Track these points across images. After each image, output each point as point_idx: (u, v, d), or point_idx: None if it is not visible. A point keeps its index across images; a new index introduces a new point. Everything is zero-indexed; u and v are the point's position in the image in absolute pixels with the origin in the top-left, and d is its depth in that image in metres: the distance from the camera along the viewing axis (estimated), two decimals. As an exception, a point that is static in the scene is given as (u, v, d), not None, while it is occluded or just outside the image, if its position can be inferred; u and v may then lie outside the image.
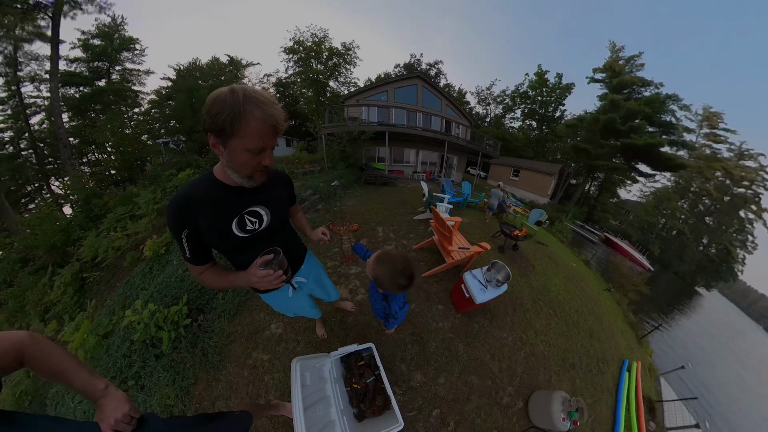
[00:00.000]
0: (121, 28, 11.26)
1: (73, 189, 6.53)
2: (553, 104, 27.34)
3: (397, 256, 1.05)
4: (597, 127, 20.20)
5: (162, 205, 5.17)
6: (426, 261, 3.30)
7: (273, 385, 1.95)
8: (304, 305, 1.36)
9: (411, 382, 1.97)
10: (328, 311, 2.31)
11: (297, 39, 14.13)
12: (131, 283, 3.44)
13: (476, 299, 2.25)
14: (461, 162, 14.08)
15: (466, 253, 2.84)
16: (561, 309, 3.43)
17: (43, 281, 4.68)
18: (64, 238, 5.30)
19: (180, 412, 1.90)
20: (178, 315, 2.28)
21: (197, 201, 0.78)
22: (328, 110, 9.82)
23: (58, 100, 8.85)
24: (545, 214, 6.68)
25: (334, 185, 5.59)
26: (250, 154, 0.72)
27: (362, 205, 5.22)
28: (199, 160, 7.63)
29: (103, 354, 2.36)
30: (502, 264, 2.40)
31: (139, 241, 4.48)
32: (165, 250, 3.68)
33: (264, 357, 2.11)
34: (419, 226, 4.36)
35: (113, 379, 2.08)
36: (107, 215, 5.40)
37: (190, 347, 2.19)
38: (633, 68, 21.36)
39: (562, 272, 4.75)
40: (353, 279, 2.78)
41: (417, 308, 2.55)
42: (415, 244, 3.66)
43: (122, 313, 2.64)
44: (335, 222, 1.44)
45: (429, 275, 2.94)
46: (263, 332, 2.28)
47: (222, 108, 0.63)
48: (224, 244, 0.87)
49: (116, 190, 6.80)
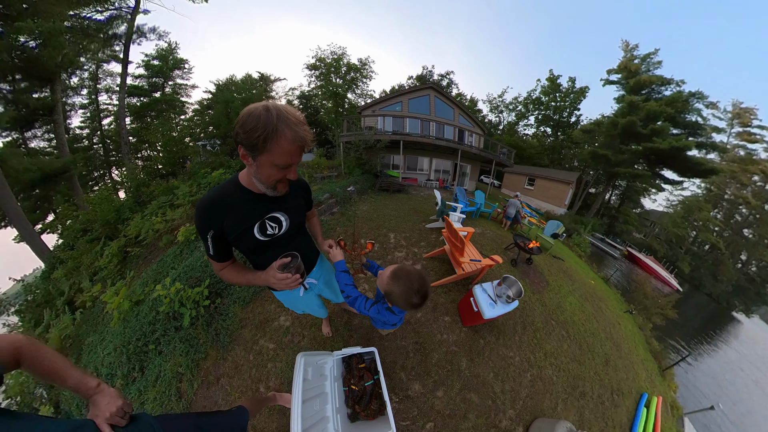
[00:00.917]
0: (174, 51, 13.70)
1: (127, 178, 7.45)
2: (567, 109, 25.46)
3: (414, 273, 0.95)
4: (616, 131, 18.10)
5: (196, 197, 5.64)
6: (436, 270, 3.16)
7: (274, 373, 1.98)
8: (313, 304, 1.38)
9: (408, 391, 1.88)
10: (335, 311, 2.30)
11: (318, 56, 15.10)
12: (164, 261, 3.72)
13: (485, 314, 2.10)
14: (474, 170, 13.49)
15: (477, 265, 2.66)
16: (575, 331, 3.13)
17: (96, 249, 5.36)
18: (116, 217, 6.04)
19: (188, 381, 2.00)
20: (199, 296, 2.43)
21: (223, 205, 0.82)
22: (346, 120, 10.11)
23: (124, 107, 10.99)
24: (562, 226, 6.02)
25: (350, 191, 5.62)
26: (277, 169, 0.75)
27: (375, 211, 5.16)
28: (230, 161, 8.31)
29: (133, 318, 2.57)
30: (514, 279, 2.23)
31: (174, 226, 4.85)
32: (195, 237, 3.95)
33: (270, 345, 2.17)
34: (431, 235, 4.20)
35: (138, 340, 2.26)
36: (151, 202, 6.02)
37: (206, 326, 2.32)
38: (650, 67, 19.07)
39: (578, 290, 4.35)
40: (362, 283, 2.77)
41: (423, 318, 2.43)
42: (426, 252, 3.52)
43: (153, 286, 2.88)
44: (347, 240, 1.41)
45: (437, 285, 2.81)
46: (272, 323, 2.34)
47: (256, 125, 0.65)
48: (246, 245, 0.90)
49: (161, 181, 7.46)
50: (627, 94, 19.02)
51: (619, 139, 18.37)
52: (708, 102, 17.68)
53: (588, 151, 20.32)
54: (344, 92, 15.99)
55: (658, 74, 18.49)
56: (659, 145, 16.18)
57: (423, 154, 11.29)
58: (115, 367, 2.16)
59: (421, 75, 26.81)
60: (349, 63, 15.37)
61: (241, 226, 0.85)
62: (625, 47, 20.07)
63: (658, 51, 18.75)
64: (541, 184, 16.73)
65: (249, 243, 0.89)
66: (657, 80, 18.06)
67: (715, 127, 18.81)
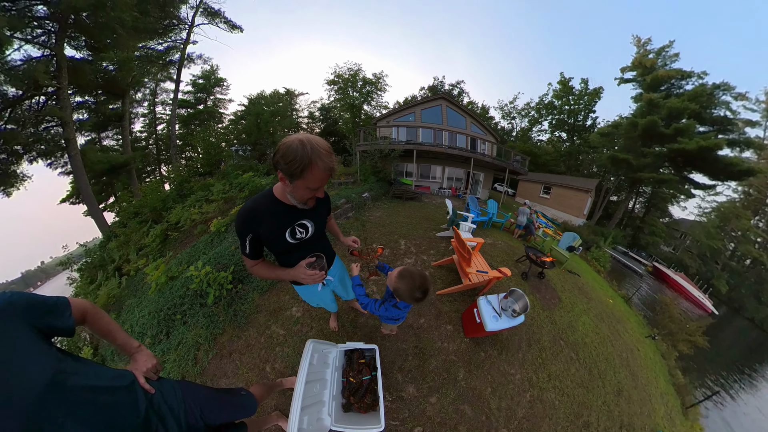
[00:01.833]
0: (215, 72, 16.63)
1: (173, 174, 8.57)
2: (582, 112, 23.54)
3: (416, 273, 1.15)
4: (636, 133, 15.90)
5: (228, 194, 6.19)
6: (443, 279, 3.08)
7: (281, 357, 2.07)
8: (327, 299, 1.50)
9: (403, 393, 1.86)
10: (343, 309, 2.36)
11: (337, 72, 16.17)
12: (197, 247, 4.07)
13: (486, 326, 2.01)
14: (487, 178, 12.89)
15: (483, 276, 2.56)
16: (586, 354, 2.85)
17: (143, 229, 6.16)
18: (162, 205, 6.86)
19: (204, 351, 2.19)
20: (224, 280, 2.65)
21: (261, 214, 0.95)
22: (362, 130, 10.39)
23: (174, 117, 13.76)
24: (578, 238, 5.45)
25: (365, 197, 5.72)
26: (309, 191, 0.89)
27: (388, 218, 5.14)
28: (258, 166, 8.94)
29: (167, 290, 2.87)
30: (521, 293, 2.10)
31: (208, 218, 5.34)
32: (225, 229, 4.29)
33: (280, 332, 2.28)
34: (440, 243, 4.10)
35: (168, 309, 2.55)
36: (191, 195, 6.74)
37: (226, 306, 2.52)
38: (666, 60, 16.77)
39: (594, 309, 3.97)
40: (371, 284, 2.80)
41: (425, 324, 2.39)
42: (435, 260, 3.44)
43: (186, 266, 3.19)
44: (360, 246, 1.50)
45: (443, 293, 2.73)
46: (285, 312, 2.46)
47: (294, 158, 0.78)
48: (278, 247, 1.05)
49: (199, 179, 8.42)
50: (645, 91, 16.84)
51: (640, 141, 16.15)
52: (736, 93, 14.95)
53: (607, 156, 17.98)
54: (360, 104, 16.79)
55: (677, 67, 16.15)
56: (685, 145, 13.89)
57: (436, 162, 11.14)
58: (146, 328, 2.45)
59: (433, 86, 26.70)
60: (364, 77, 16.27)
61: (275, 231, 0.99)
62: (637, 42, 18.00)
63: (673, 43, 16.49)
64: (558, 192, 15.26)
65: (281, 245, 1.03)
66: (676, 74, 15.84)
67: (747, 120, 15.49)
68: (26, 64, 7.62)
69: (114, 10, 7.86)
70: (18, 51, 7.62)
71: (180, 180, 8.07)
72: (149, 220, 6.63)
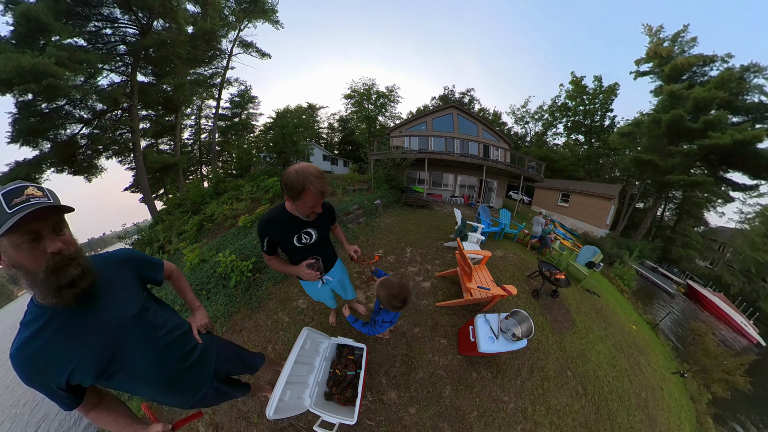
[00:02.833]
0: (248, 91, 19.03)
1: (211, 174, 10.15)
2: (598, 112, 21.02)
3: (395, 283, 1.20)
4: (660, 130, 13.40)
5: (256, 195, 6.81)
6: (445, 291, 2.89)
7: (282, 340, 2.21)
8: (326, 296, 1.67)
9: (384, 396, 1.81)
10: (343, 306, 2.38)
11: (353, 87, 17.31)
12: (225, 237, 4.48)
13: (480, 347, 1.83)
14: (501, 186, 11.72)
15: (485, 293, 2.33)
16: (596, 389, 2.39)
17: (184, 218, 7.16)
18: (200, 200, 7.89)
19: (220, 325, 2.47)
20: (245, 268, 2.94)
21: (275, 222, 1.18)
22: (376, 140, 10.60)
23: (215, 128, 16.52)
24: (599, 253, 4.76)
25: (377, 203, 5.72)
26: (307, 208, 1.08)
27: (397, 225, 5.03)
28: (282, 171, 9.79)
29: (198, 270, 3.29)
30: (525, 315, 1.84)
31: (237, 214, 5.92)
32: (250, 225, 4.70)
33: (286, 319, 2.42)
34: (447, 254, 3.87)
35: (197, 287, 2.93)
36: (224, 194, 7.58)
37: (244, 290, 2.79)
38: (684, 47, 14.28)
39: (612, 336, 3.37)
40: (372, 288, 2.78)
41: (419, 333, 2.29)
42: (439, 270, 3.26)
43: (215, 253, 3.61)
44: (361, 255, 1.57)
45: (442, 306, 2.58)
46: (292, 302, 2.60)
47: (292, 185, 0.99)
48: (287, 249, 1.27)
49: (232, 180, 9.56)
50: (664, 83, 14.40)
51: (665, 139, 13.53)
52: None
53: (630, 158, 15.21)
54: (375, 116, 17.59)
55: (696, 53, 13.61)
56: (718, 140, 11.26)
57: (448, 170, 10.84)
58: (177, 298, 2.80)
59: (443, 95, 26.33)
60: (378, 91, 17.12)
61: (285, 236, 1.21)
62: (649, 31, 15.67)
63: (688, 27, 13.98)
64: (577, 200, 13.40)
65: (290, 247, 1.26)
66: (696, 60, 13.35)
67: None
68: (110, 87, 10.33)
69: (173, 47, 10.30)
70: (105, 78, 10.39)
71: (216, 180, 9.28)
72: (190, 211, 7.66)
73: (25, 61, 6.84)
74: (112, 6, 8.99)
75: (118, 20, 9.56)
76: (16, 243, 0.55)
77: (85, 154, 10.28)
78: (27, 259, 0.56)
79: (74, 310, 0.65)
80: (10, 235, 0.54)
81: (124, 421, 0.77)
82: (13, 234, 0.54)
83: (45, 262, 0.57)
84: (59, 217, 0.61)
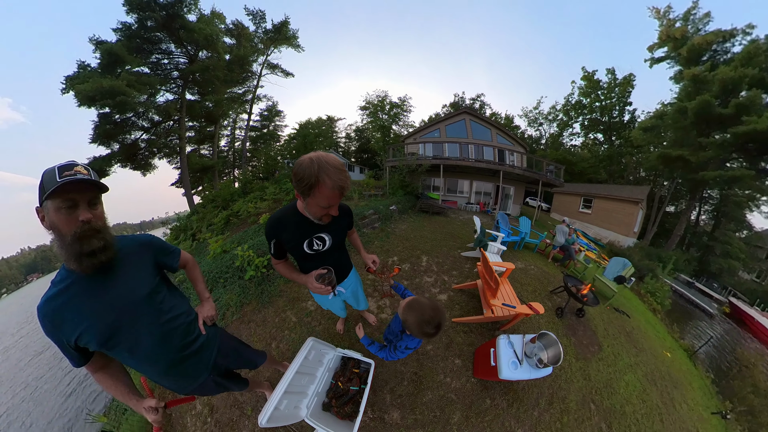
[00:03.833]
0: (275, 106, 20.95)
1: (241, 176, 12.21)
2: (616, 107, 18.70)
3: (427, 305, 0.97)
4: (686, 120, 11.29)
5: (278, 197, 7.29)
6: (462, 305, 2.62)
7: (287, 339, 2.16)
8: (336, 306, 1.55)
9: (386, 415, 1.63)
10: (352, 315, 2.31)
11: (367, 99, 18.16)
12: (246, 233, 4.72)
13: (501, 372, 1.57)
14: (518, 192, 10.92)
15: (509, 311, 2.06)
16: (622, 428, 1.99)
17: (214, 212, 8.00)
18: (230, 197, 8.83)
19: (232, 314, 2.50)
20: (260, 263, 3.02)
21: (284, 223, 1.00)
22: (391, 148, 10.58)
23: (246, 137, 18.48)
24: (630, 265, 4.07)
25: (392, 209, 5.64)
26: (320, 208, 0.87)
27: (413, 231, 4.83)
28: None
29: (219, 259, 3.43)
30: (554, 339, 1.59)
31: (259, 212, 6.46)
32: None
33: (293, 318, 2.37)
34: (465, 264, 3.56)
35: (216, 274, 3.03)
36: (251, 193, 8.46)
37: (257, 284, 2.84)
38: (698, 25, 12.18)
39: (644, 365, 2.86)
40: (385, 298, 2.63)
41: (432, 352, 2.05)
42: (456, 282, 2.97)
43: (236, 246, 3.76)
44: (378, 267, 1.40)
45: (458, 322, 2.32)
46: (302, 303, 2.56)
47: (303, 177, 0.77)
48: (296, 254, 1.09)
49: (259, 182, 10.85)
50: (684, 67, 12.34)
51: (694, 130, 11.35)
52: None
53: (656, 155, 13.07)
54: (389, 125, 18.27)
55: (713, 30, 11.57)
56: (754, 125, 9.31)
57: (463, 176, 10.41)
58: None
59: (454, 102, 25.86)
60: (391, 102, 17.84)
61: (293, 240, 1.02)
62: (656, 14, 13.79)
63: (698, 2, 11.97)
64: (601, 205, 11.73)
65: (298, 253, 1.06)
66: (715, 37, 11.34)
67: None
68: (165, 103, 12.79)
69: (213, 71, 12.56)
70: (162, 96, 12.83)
71: (245, 181, 10.72)
72: (220, 206, 8.58)
73: (105, 83, 9.00)
74: (168, 42, 11.57)
75: (173, 52, 12.11)
76: (56, 207, 0.62)
77: (143, 154, 12.73)
78: (62, 223, 0.63)
79: (93, 279, 0.70)
80: (54, 198, 0.61)
81: (123, 389, 0.80)
82: (55, 198, 0.61)
83: (74, 229, 0.63)
84: (95, 193, 0.68)
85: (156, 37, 11.02)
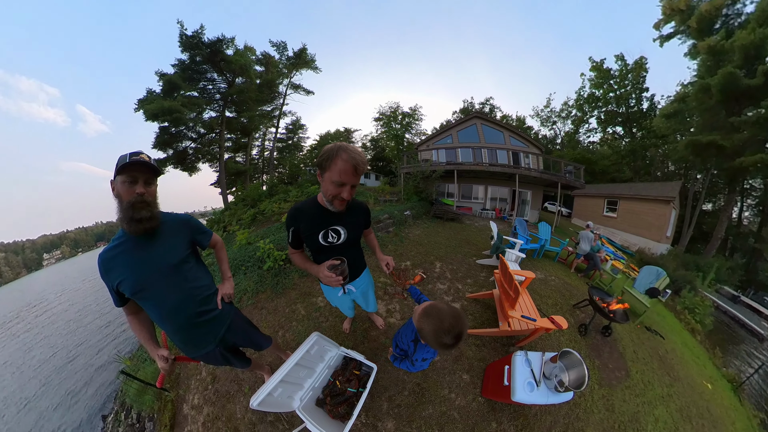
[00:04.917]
0: (299, 120, 22.52)
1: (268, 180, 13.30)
2: (632, 95, 16.03)
3: (447, 312, 0.80)
4: (712, 100, 9.39)
5: (300, 199, 7.89)
6: (476, 316, 2.38)
7: (293, 331, 2.20)
8: (345, 305, 1.53)
9: (379, 423, 1.50)
10: (360, 316, 2.26)
11: (380, 111, 18.86)
12: (270, 229, 5.03)
13: (515, 394, 1.32)
14: (536, 197, 9.84)
15: (529, 324, 1.78)
16: None
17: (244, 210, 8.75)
18: (258, 198, 9.58)
19: (248, 299, 2.69)
20: (279, 257, 3.20)
21: (303, 213, 1.04)
22: (405, 155, 10.83)
23: (274, 147, 20.31)
24: (665, 275, 3.36)
25: (406, 214, 5.55)
26: (333, 186, 0.89)
27: (426, 237, 4.66)
28: None
29: (243, 249, 3.73)
30: (579, 359, 1.32)
31: (282, 212, 6.86)
32: None
33: (302, 312, 2.40)
34: (480, 272, 3.26)
35: (239, 262, 3.25)
36: (275, 195, 9.12)
37: (273, 276, 2.99)
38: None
39: (678, 397, 2.28)
40: (395, 302, 2.54)
41: (439, 364, 1.85)
42: (471, 291, 2.73)
43: (259, 239, 4.00)
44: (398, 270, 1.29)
45: (471, 333, 2.08)
46: (312, 297, 2.60)
47: (325, 151, 0.86)
48: (311, 245, 1.09)
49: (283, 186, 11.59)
50: (697, 40, 10.39)
51: (722, 109, 9.45)
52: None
53: (684, 144, 10.64)
54: (402, 134, 18.59)
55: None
56: None
57: (478, 181, 9.91)
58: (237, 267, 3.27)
59: (464, 108, 25.00)
60: (403, 112, 18.24)
61: (310, 230, 1.03)
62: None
63: None
64: (627, 207, 10.05)
65: (314, 244, 1.07)
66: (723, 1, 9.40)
67: None
68: (209, 120, 15.03)
69: (247, 93, 14.59)
70: (207, 113, 15.07)
71: (271, 185, 11.47)
72: (249, 205, 9.42)
73: (166, 104, 11.54)
74: (212, 72, 14.13)
75: (215, 79, 14.63)
76: (122, 180, 0.78)
77: (190, 159, 15.25)
78: (124, 192, 0.79)
79: (138, 242, 0.84)
80: (122, 174, 0.78)
81: (146, 335, 0.93)
82: (123, 173, 0.78)
83: (131, 198, 0.79)
84: (151, 175, 0.83)
85: (203, 68, 13.65)
